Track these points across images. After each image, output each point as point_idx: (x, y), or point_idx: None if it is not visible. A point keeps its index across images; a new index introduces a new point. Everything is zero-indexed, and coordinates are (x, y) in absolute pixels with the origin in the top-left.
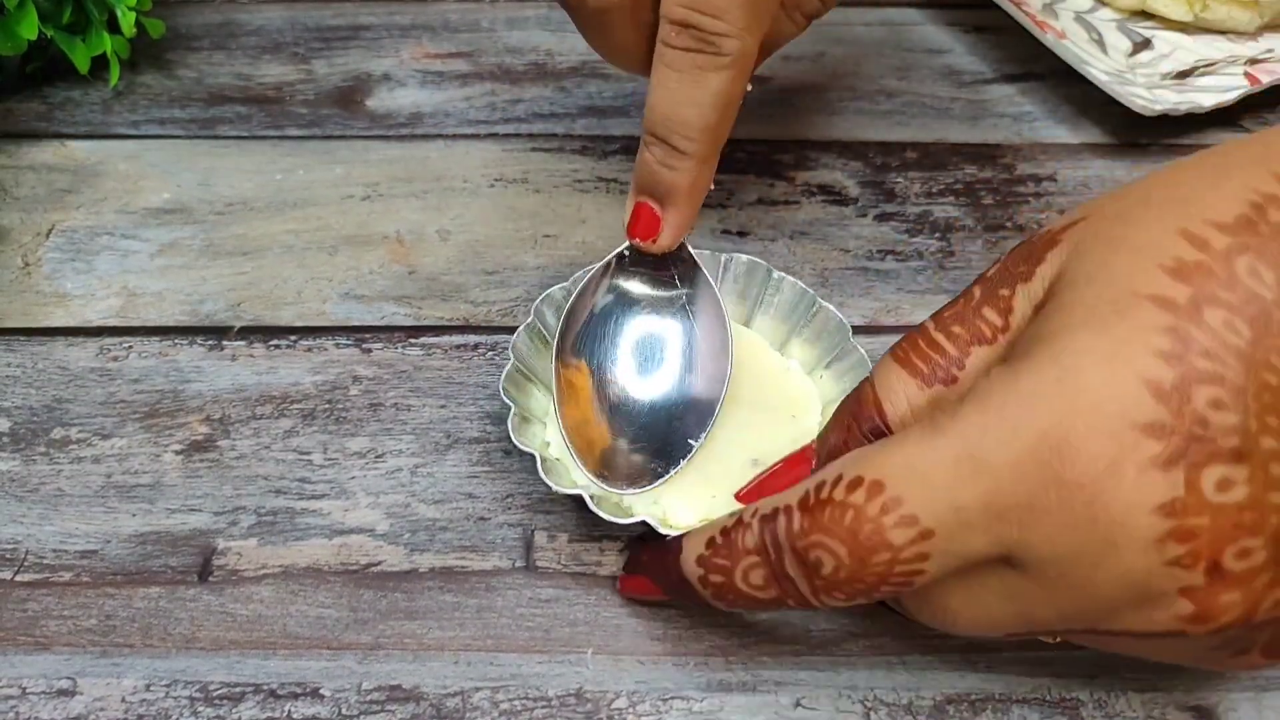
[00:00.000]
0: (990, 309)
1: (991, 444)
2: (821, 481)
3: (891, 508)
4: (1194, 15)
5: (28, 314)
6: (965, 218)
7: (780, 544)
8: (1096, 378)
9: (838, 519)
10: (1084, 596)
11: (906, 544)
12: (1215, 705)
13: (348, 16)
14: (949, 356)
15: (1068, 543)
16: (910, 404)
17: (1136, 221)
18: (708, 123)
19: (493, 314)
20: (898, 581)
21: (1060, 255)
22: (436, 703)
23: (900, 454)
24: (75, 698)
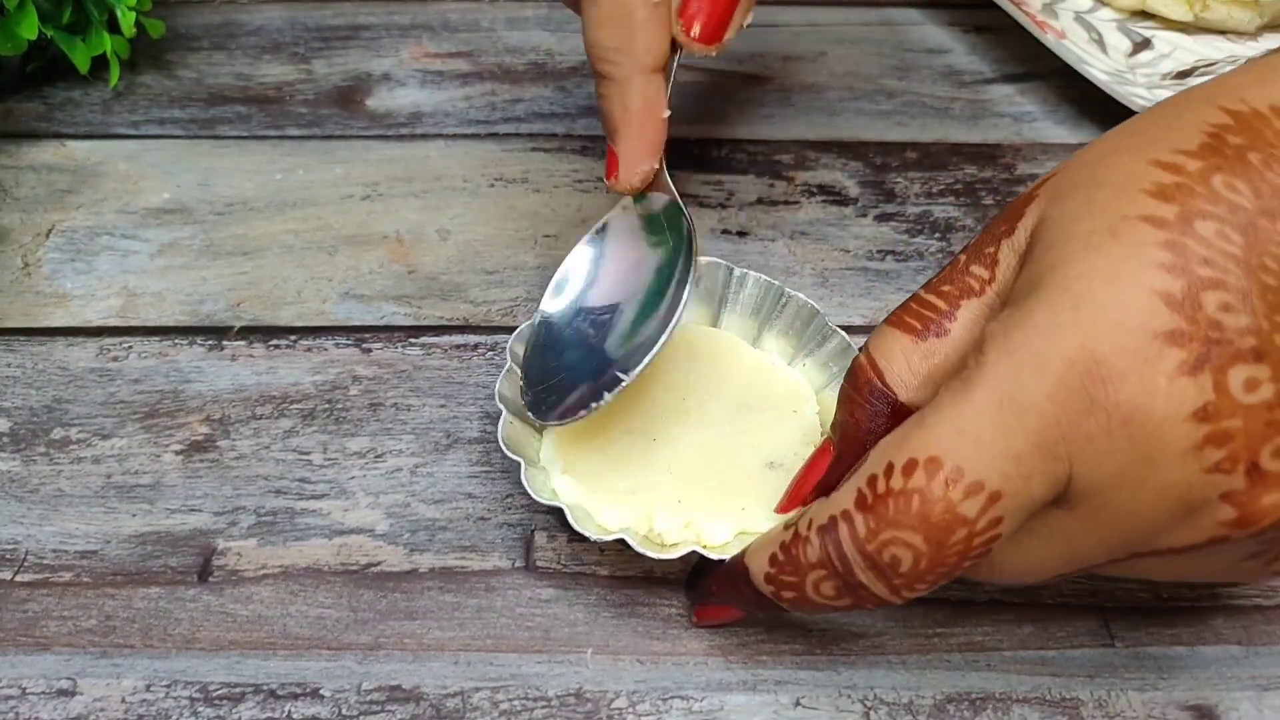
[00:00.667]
0: (977, 265)
1: (1026, 381)
2: (872, 475)
3: (956, 479)
4: (1194, 15)
5: (28, 314)
6: (965, 218)
7: (846, 554)
8: (1109, 297)
9: (904, 508)
10: (1128, 521)
11: (979, 513)
12: (1215, 705)
13: (348, 16)
14: (940, 311)
15: (1111, 467)
16: (906, 359)
17: (1109, 165)
18: (613, 42)
19: (493, 314)
20: (977, 554)
21: (1039, 207)
22: (436, 703)
23: (942, 423)
24: (75, 698)
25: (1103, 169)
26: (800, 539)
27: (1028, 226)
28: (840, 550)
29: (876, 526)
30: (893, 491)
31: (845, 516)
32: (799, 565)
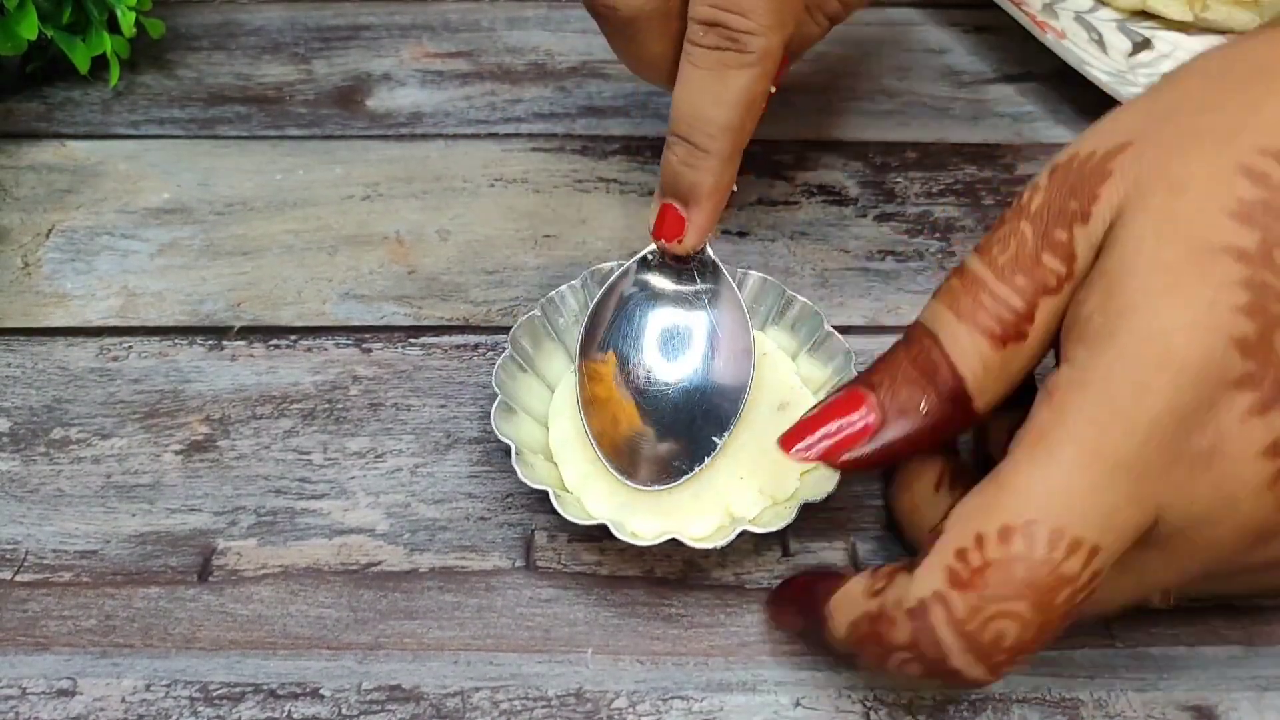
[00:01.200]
0: (1051, 255)
1: (1114, 440)
2: (961, 549)
3: (1058, 540)
4: (1194, 15)
5: (28, 314)
6: (965, 218)
7: (940, 639)
8: (1191, 352)
9: (1008, 578)
10: (1208, 553)
11: (1082, 568)
12: (1215, 705)
13: (348, 16)
14: (1018, 312)
15: (1196, 510)
16: (984, 365)
17: (1192, 157)
18: (730, 121)
19: (493, 314)
20: (1076, 611)
21: (1116, 191)
22: (436, 703)
23: (1033, 486)
24: (75, 698)
25: (1185, 162)
26: (886, 618)
27: (1104, 216)
28: (933, 635)
29: (979, 603)
30: (991, 562)
31: (938, 598)
32: (883, 643)
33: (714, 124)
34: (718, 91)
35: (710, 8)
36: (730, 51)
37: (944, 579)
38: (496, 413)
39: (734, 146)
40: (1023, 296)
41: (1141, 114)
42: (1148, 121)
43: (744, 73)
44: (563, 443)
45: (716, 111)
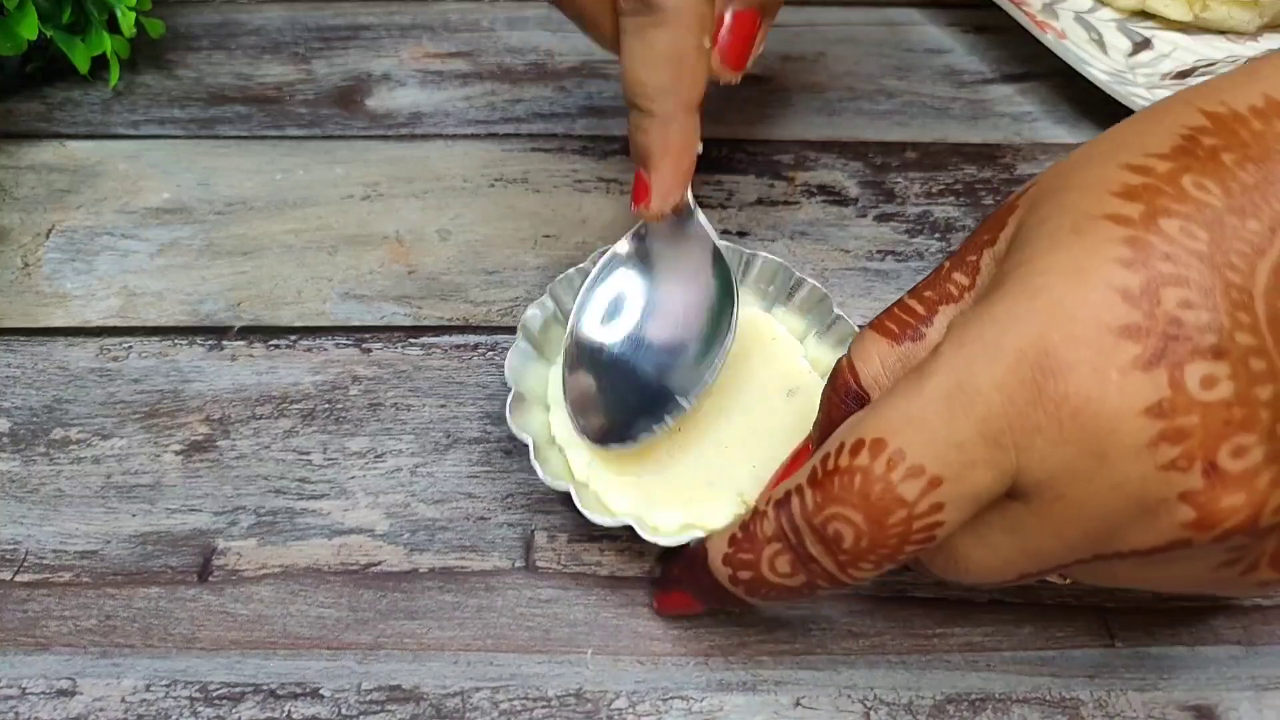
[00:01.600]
0: (959, 272)
1: (976, 371)
2: (826, 454)
3: (897, 461)
4: (1194, 15)
5: (28, 314)
6: (965, 218)
7: (798, 525)
8: (1066, 291)
9: (847, 485)
10: (1082, 516)
11: (919, 496)
12: (1215, 705)
13: (348, 16)
14: (918, 316)
15: (1061, 459)
16: (882, 362)
17: (1082, 169)
18: (661, 82)
19: (493, 314)
20: (919, 539)
21: (1019, 215)
22: (436, 703)
23: (893, 407)
24: (75, 698)
25: (1076, 174)
26: (759, 514)
27: (1008, 236)
28: (793, 522)
29: (822, 500)
30: (839, 469)
31: (798, 490)
32: (756, 541)
33: (649, 86)
34: (642, 53)
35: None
36: (644, 15)
37: (806, 476)
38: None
39: (676, 106)
40: (925, 305)
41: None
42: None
43: (661, 31)
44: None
45: (645, 73)
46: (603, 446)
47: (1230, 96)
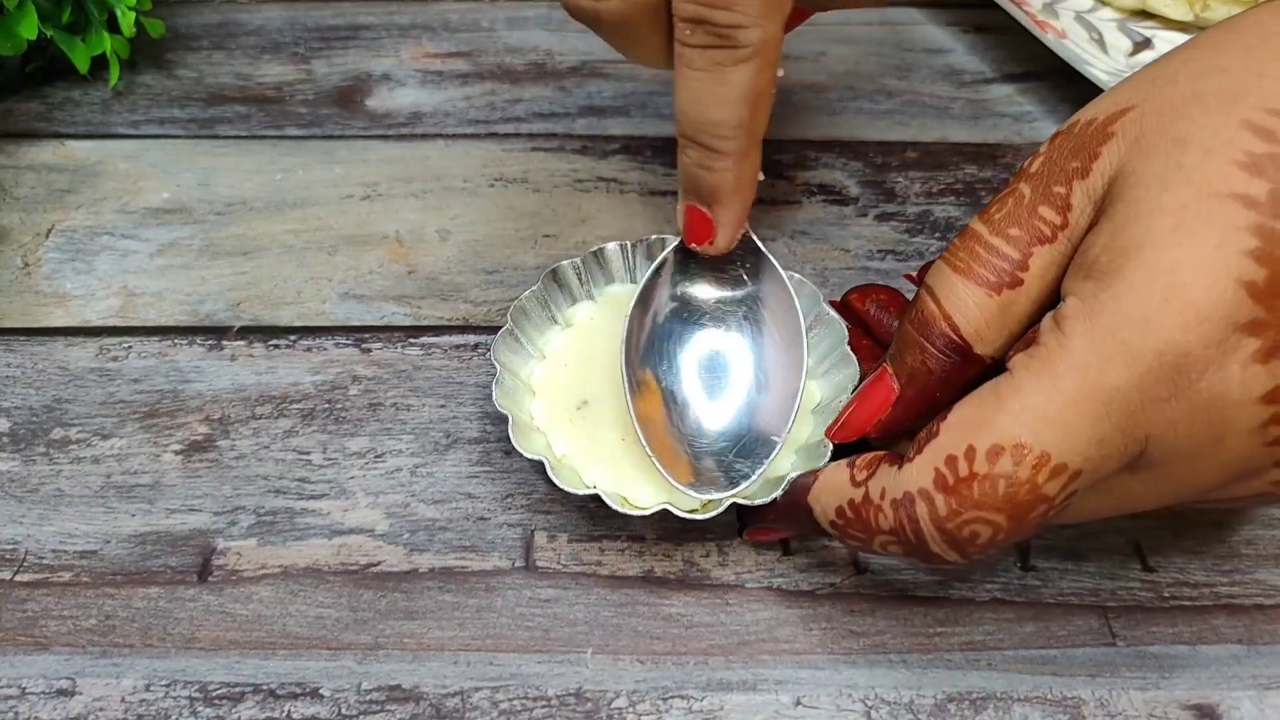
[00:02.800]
0: (1046, 207)
1: (1116, 371)
2: (951, 456)
3: (1042, 464)
4: (1194, 15)
5: (27, 314)
6: (965, 218)
7: (922, 530)
8: (1199, 290)
9: (990, 491)
10: (1189, 484)
11: (1060, 490)
12: (1217, 704)
13: (348, 16)
14: (1011, 260)
15: (1186, 445)
16: (981, 312)
17: (1195, 118)
18: (739, 119)
19: (493, 314)
20: (1048, 522)
21: (1117, 149)
22: (436, 703)
23: (1029, 408)
24: (75, 698)
25: (1189, 122)
26: (871, 505)
27: (1104, 172)
28: (916, 526)
29: (959, 507)
30: (977, 475)
31: (924, 495)
32: (869, 527)
33: (722, 125)
34: (718, 92)
35: (693, 4)
36: (722, 49)
37: (931, 479)
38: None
39: (748, 142)
40: (1016, 246)
41: (1145, 81)
42: (1150, 87)
43: (741, 69)
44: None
45: (721, 112)
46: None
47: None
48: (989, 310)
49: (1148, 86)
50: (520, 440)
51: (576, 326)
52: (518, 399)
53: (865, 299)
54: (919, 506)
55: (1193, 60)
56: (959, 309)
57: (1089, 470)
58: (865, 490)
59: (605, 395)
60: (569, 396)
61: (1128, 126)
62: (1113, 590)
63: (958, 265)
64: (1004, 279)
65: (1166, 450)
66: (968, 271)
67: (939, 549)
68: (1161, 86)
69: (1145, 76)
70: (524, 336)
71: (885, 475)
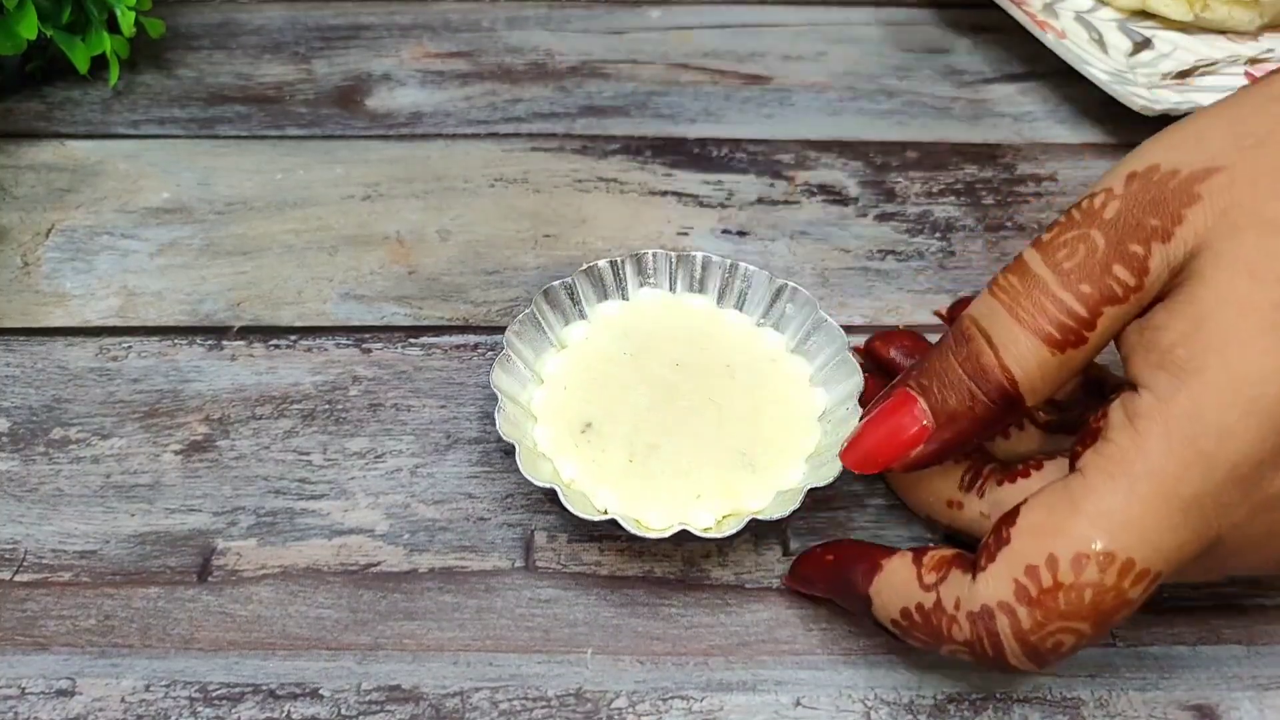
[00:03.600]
0: (1122, 267)
1: (1193, 480)
2: (1032, 566)
3: (1128, 570)
4: (1194, 15)
5: (27, 314)
6: (965, 218)
7: (1002, 644)
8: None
9: (1077, 601)
10: (1242, 569)
11: (1142, 594)
12: (1217, 705)
13: (348, 16)
14: (1079, 319)
15: (1247, 541)
16: (1041, 369)
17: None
18: None
19: (493, 314)
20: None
21: (1203, 218)
22: (436, 703)
23: (1109, 514)
24: (74, 698)
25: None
26: (944, 614)
27: (1187, 240)
28: (996, 640)
29: (1044, 619)
30: (1062, 585)
31: (1004, 609)
32: (940, 635)
33: None
34: None
35: None
36: None
37: (1012, 591)
38: (499, 414)
39: None
40: (1086, 304)
41: (1231, 136)
42: (1238, 147)
43: None
44: (554, 372)
45: None
46: None
47: None
48: (1049, 366)
49: (1235, 146)
50: (528, 468)
51: (572, 348)
52: (521, 425)
53: (889, 345)
54: (999, 620)
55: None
56: (1019, 362)
57: (1169, 572)
58: (937, 596)
59: (608, 416)
60: (572, 420)
61: (1214, 192)
62: None
63: (1021, 315)
64: (1069, 338)
65: (1230, 547)
66: (1032, 325)
67: (1017, 661)
68: (1252, 149)
69: (1233, 128)
70: (521, 361)
71: (958, 584)
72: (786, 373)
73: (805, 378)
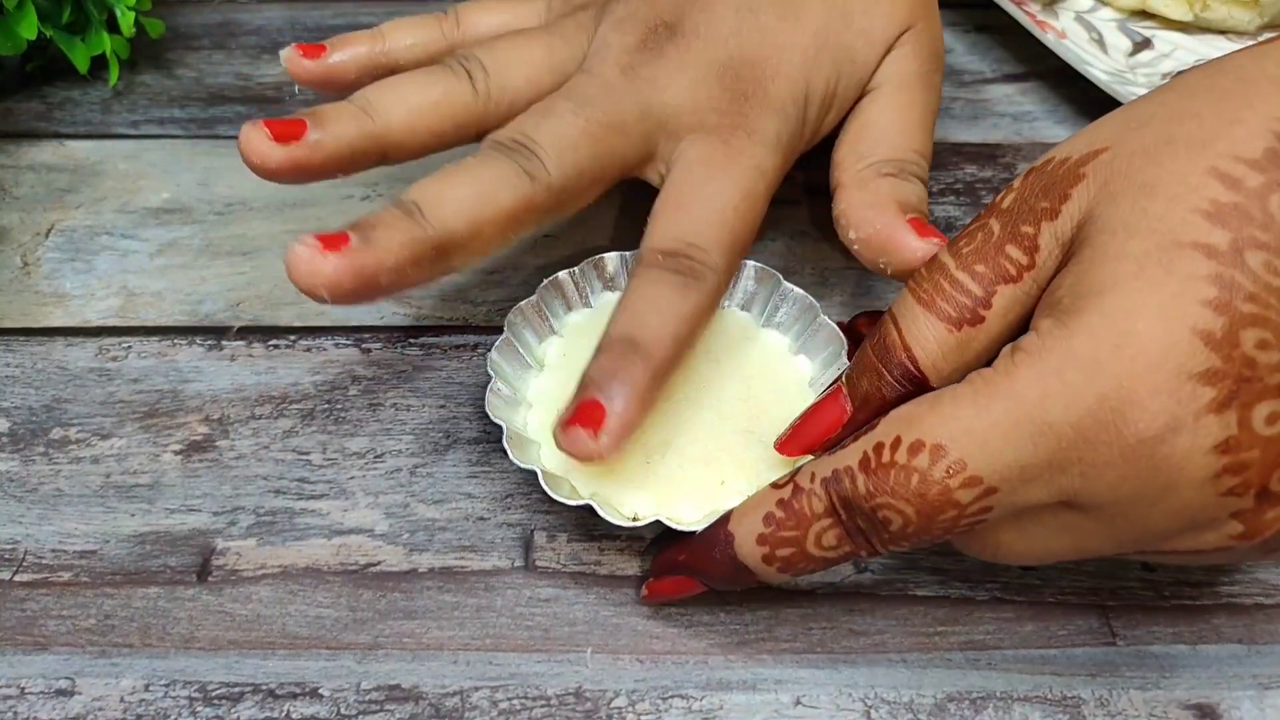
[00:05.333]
0: (1014, 247)
1: (1053, 407)
2: (879, 443)
3: (956, 471)
4: (1194, 15)
5: (27, 314)
6: (965, 218)
7: (850, 503)
8: (1152, 338)
9: (903, 482)
10: (1140, 528)
11: (972, 501)
12: (1217, 703)
13: (348, 16)
14: (974, 297)
15: (1129, 489)
16: (940, 347)
17: (1164, 163)
18: (680, 334)
19: (493, 314)
20: (961, 530)
21: (1086, 192)
22: (435, 702)
23: (958, 417)
24: (74, 698)
25: (1157, 168)
26: (802, 491)
27: (1073, 214)
28: (845, 499)
29: (875, 489)
30: (896, 464)
31: (848, 473)
32: (802, 518)
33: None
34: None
35: (675, 241)
36: (689, 276)
37: (857, 460)
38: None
39: (673, 360)
40: (981, 283)
41: (1119, 122)
42: (1124, 129)
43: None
44: (539, 392)
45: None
46: None
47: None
48: (948, 345)
49: (1122, 129)
50: (515, 451)
51: (549, 368)
52: (513, 409)
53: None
54: (844, 481)
55: (1168, 104)
56: (919, 341)
57: (1006, 490)
58: (792, 484)
59: None
60: None
61: (1099, 169)
62: (1113, 590)
63: (922, 297)
64: (965, 315)
65: (1107, 492)
66: (930, 304)
67: (864, 524)
68: (1135, 129)
69: (1121, 117)
70: (521, 345)
71: (813, 464)
72: (765, 347)
73: (784, 349)
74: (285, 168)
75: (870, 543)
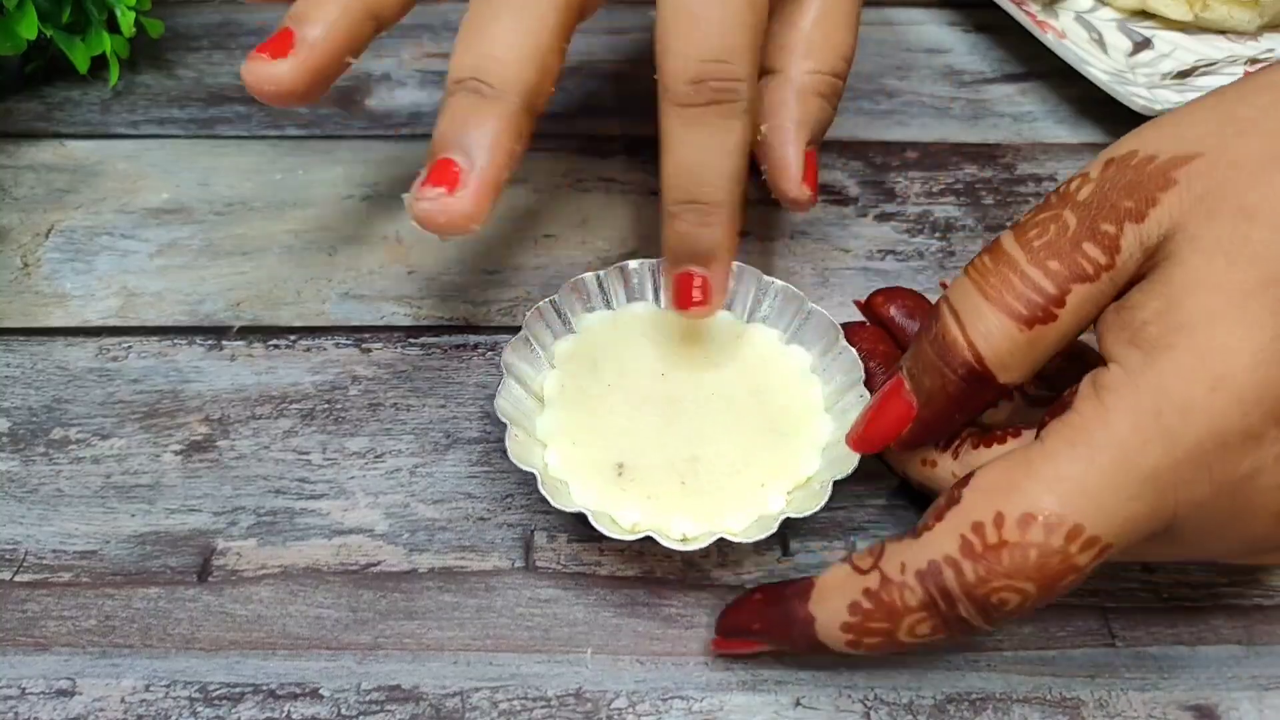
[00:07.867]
0: (1092, 245)
1: (1153, 453)
2: (977, 523)
3: (1076, 535)
4: (1194, 15)
5: (27, 314)
6: (965, 218)
7: (953, 596)
8: (1250, 385)
9: (1020, 561)
10: (1206, 552)
11: (1090, 560)
12: (1216, 705)
13: None
14: (1047, 295)
15: (1208, 518)
16: (1009, 344)
17: (1269, 184)
18: (735, 170)
19: (493, 314)
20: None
21: (1178, 202)
22: (436, 703)
23: (1064, 478)
24: (74, 698)
25: (1263, 189)
26: (893, 584)
27: (1161, 222)
28: (946, 593)
29: (988, 575)
30: (1007, 544)
31: (950, 563)
32: (894, 610)
33: (722, 177)
34: (725, 143)
35: (696, 65)
36: (725, 104)
37: (957, 546)
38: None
39: (741, 194)
40: (1055, 281)
41: (1213, 124)
42: (1220, 135)
43: (742, 120)
44: (549, 432)
45: (723, 164)
46: None
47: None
48: (1017, 343)
49: (1217, 132)
50: (517, 452)
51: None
52: (523, 409)
53: (889, 303)
54: (946, 574)
55: (1266, 110)
56: (985, 338)
57: (1119, 544)
58: (880, 573)
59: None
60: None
61: (1192, 178)
62: (1112, 590)
63: (989, 292)
64: (1037, 314)
65: (1192, 527)
66: (998, 300)
67: (969, 615)
68: (1234, 137)
69: (1214, 117)
70: (537, 344)
71: (900, 550)
72: (758, 343)
73: (776, 340)
74: (302, 78)
75: (972, 627)
